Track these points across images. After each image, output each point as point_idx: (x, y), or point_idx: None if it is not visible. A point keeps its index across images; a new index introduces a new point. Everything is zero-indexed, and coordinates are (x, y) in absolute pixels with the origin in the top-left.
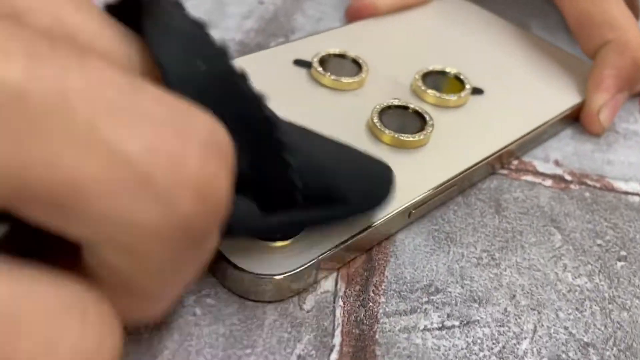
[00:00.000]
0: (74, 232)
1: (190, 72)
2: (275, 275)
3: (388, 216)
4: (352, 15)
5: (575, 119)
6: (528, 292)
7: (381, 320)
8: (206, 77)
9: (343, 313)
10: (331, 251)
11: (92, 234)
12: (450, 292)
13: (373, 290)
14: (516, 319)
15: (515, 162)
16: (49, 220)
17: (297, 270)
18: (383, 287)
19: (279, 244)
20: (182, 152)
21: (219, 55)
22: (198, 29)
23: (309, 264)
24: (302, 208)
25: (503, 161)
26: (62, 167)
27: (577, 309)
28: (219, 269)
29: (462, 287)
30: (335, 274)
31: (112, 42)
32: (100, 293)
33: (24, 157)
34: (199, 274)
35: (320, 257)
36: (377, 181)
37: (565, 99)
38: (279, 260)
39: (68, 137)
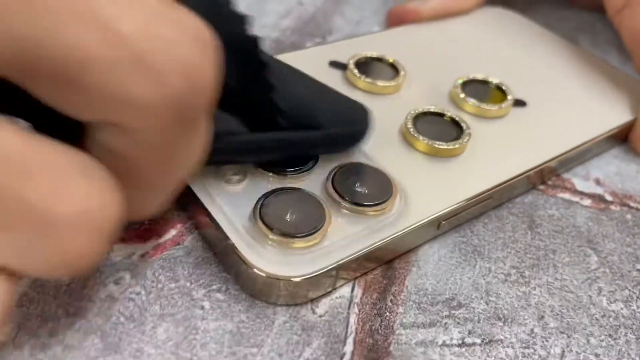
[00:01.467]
0: (76, 109)
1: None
2: (291, 277)
3: (416, 225)
4: (394, 20)
5: (623, 139)
6: (558, 314)
7: (397, 332)
8: (198, 1)
9: (357, 321)
10: (352, 258)
11: (92, 111)
12: (473, 308)
13: (391, 300)
14: (543, 342)
15: (553, 178)
16: (55, 96)
17: (314, 274)
18: (402, 297)
19: (298, 244)
20: (175, 38)
21: None
22: None
23: (327, 269)
24: (284, 131)
25: (544, 177)
26: (65, 41)
27: (610, 335)
28: (232, 265)
29: (487, 303)
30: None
31: None
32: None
33: (32, 30)
34: (193, 166)
35: (340, 262)
36: (354, 115)
37: (613, 116)
38: (296, 263)
39: (71, 14)
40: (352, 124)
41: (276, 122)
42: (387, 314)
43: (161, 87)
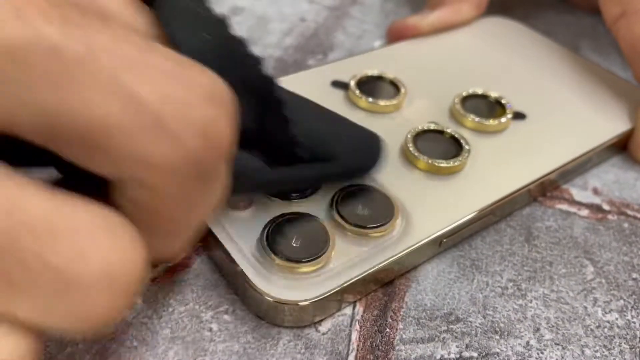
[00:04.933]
0: (101, 168)
1: (198, 41)
2: (298, 301)
3: (418, 244)
4: (394, 36)
5: (622, 147)
6: (553, 326)
7: (397, 347)
8: (212, 44)
9: (359, 337)
10: (356, 280)
11: (116, 170)
12: (471, 322)
13: (391, 316)
14: (538, 354)
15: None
16: (81, 157)
17: (320, 297)
18: (402, 313)
19: (303, 269)
20: (190, 99)
21: (221, 26)
22: (200, 5)
23: (332, 292)
24: (302, 164)
25: (544, 190)
26: (89, 110)
27: (605, 346)
28: (239, 288)
29: (484, 317)
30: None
31: (133, 16)
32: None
33: (59, 101)
34: (212, 212)
35: (344, 285)
36: (368, 144)
37: (613, 125)
38: (302, 288)
39: (94, 84)
40: (366, 153)
41: (294, 154)
42: (387, 330)
43: (179, 148)
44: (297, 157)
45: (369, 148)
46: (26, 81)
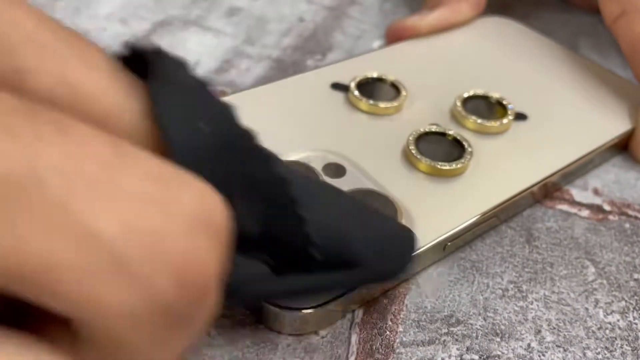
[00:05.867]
0: (52, 308)
1: (192, 133)
2: (300, 309)
3: (422, 249)
4: (393, 37)
5: (623, 147)
6: (555, 328)
7: (397, 350)
8: (210, 138)
9: (358, 341)
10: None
11: (70, 314)
12: (471, 324)
13: (391, 319)
14: (540, 356)
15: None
16: (27, 296)
17: (324, 304)
18: (402, 315)
19: None
20: (163, 230)
21: (224, 115)
22: (202, 88)
23: (338, 298)
24: (317, 270)
25: (548, 192)
26: (31, 250)
27: (606, 347)
28: None
29: (485, 319)
30: None
31: (117, 97)
32: None
33: None
34: (190, 346)
35: (349, 292)
36: (397, 245)
37: (615, 125)
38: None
39: (38, 217)
40: (394, 255)
41: (308, 255)
42: (388, 333)
43: (144, 293)
44: (311, 257)
45: (397, 248)
46: None
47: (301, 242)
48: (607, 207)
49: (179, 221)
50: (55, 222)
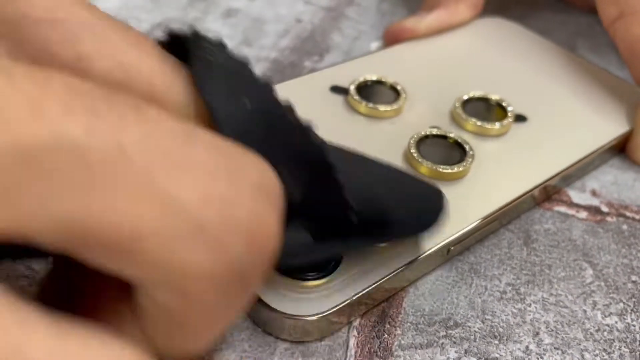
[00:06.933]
0: (129, 274)
1: (237, 110)
2: (305, 316)
3: (426, 253)
4: (391, 39)
5: (621, 148)
6: (553, 330)
7: (395, 353)
8: (253, 113)
9: (357, 344)
10: (364, 292)
11: (147, 277)
12: (469, 327)
13: (389, 322)
14: (538, 358)
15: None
16: (106, 263)
17: (328, 311)
18: (400, 318)
19: (311, 283)
20: (234, 197)
21: (263, 91)
22: (242, 67)
23: (341, 305)
24: (354, 233)
25: (548, 194)
26: (121, 217)
27: (604, 350)
28: None
29: (483, 322)
30: None
31: (168, 80)
32: (140, 348)
33: (85, 207)
34: (244, 310)
35: (353, 297)
36: (427, 201)
37: (613, 127)
38: (310, 301)
39: (126, 187)
40: (424, 214)
41: (346, 219)
42: (386, 336)
43: (221, 254)
44: (349, 221)
45: (428, 208)
46: (44, 188)
47: (339, 207)
48: (605, 209)
49: (245, 189)
50: (142, 191)
